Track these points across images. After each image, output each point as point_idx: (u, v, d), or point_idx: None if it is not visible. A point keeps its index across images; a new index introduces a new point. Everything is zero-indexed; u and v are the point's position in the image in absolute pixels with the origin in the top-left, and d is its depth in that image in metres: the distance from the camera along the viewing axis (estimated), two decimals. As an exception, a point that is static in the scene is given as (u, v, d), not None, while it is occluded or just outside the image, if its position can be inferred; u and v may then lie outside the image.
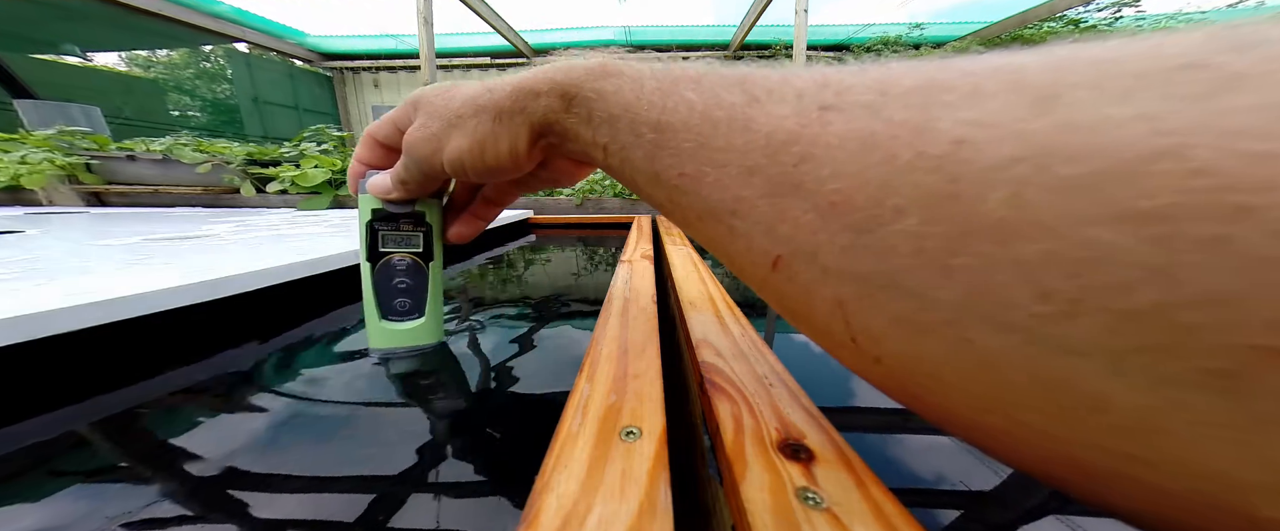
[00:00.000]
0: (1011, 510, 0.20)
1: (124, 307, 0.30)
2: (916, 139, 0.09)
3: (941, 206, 0.08)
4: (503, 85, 0.19)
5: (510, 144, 0.20)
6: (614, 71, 0.17)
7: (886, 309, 0.10)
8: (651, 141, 0.15)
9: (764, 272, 0.13)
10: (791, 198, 0.11)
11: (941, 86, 0.09)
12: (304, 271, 0.44)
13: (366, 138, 0.26)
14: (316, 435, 0.24)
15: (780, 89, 0.13)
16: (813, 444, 0.15)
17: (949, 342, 0.09)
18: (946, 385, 0.09)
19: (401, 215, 0.27)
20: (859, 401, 0.29)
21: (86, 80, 4.03)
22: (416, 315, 0.29)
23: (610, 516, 0.12)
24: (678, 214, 0.16)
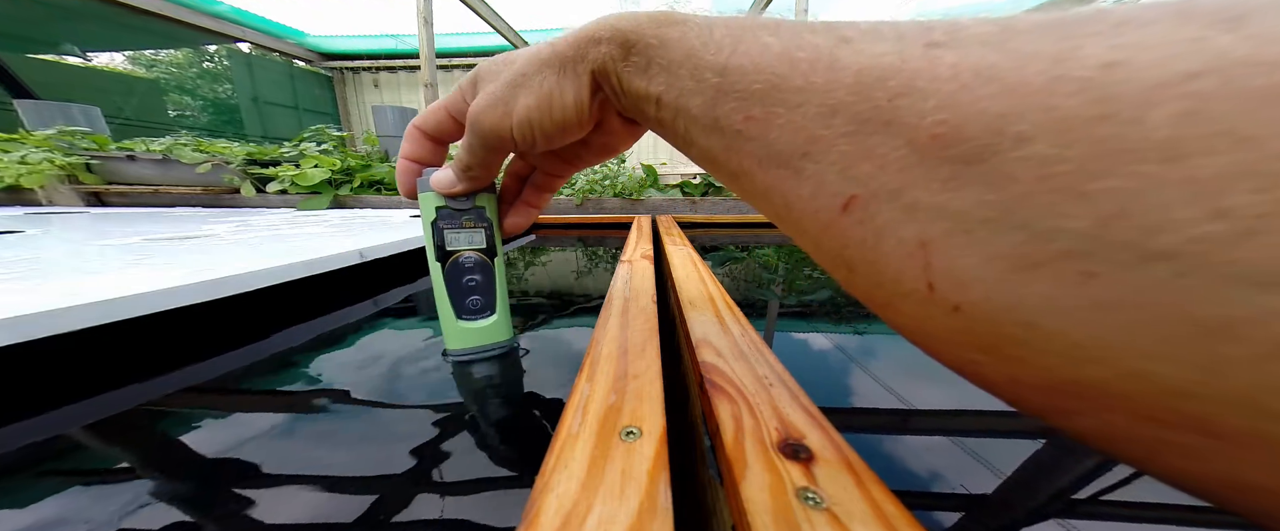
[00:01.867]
0: (1012, 511, 0.20)
1: (124, 307, 0.30)
2: (1053, 66, 0.08)
3: (1084, 128, 0.08)
4: (565, 37, 0.19)
5: (575, 95, 0.19)
6: (678, 19, 0.16)
7: (986, 245, 0.09)
8: (715, 86, 0.14)
9: (829, 218, 0.12)
10: (881, 134, 0.11)
11: (1079, 21, 0.09)
12: (303, 271, 0.44)
13: (412, 132, 0.25)
14: (316, 435, 0.24)
15: (877, 29, 0.12)
16: (813, 444, 0.15)
17: (1062, 279, 0.08)
18: (1042, 334, 0.08)
19: (464, 211, 0.26)
20: (859, 401, 0.29)
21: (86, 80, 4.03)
22: (489, 313, 0.28)
23: (610, 516, 0.12)
24: (734, 162, 0.15)
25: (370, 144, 2.03)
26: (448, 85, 4.61)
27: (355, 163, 1.73)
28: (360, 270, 0.54)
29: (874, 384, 0.31)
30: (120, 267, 0.40)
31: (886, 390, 0.30)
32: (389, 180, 1.64)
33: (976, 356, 0.10)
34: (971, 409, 0.27)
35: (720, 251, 0.89)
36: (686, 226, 1.11)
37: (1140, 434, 0.08)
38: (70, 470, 0.21)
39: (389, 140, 2.05)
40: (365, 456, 0.22)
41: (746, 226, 1.22)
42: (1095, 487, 0.21)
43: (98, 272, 0.38)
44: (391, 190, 1.64)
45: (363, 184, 1.65)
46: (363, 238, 0.63)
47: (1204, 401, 0.07)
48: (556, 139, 0.21)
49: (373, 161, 1.82)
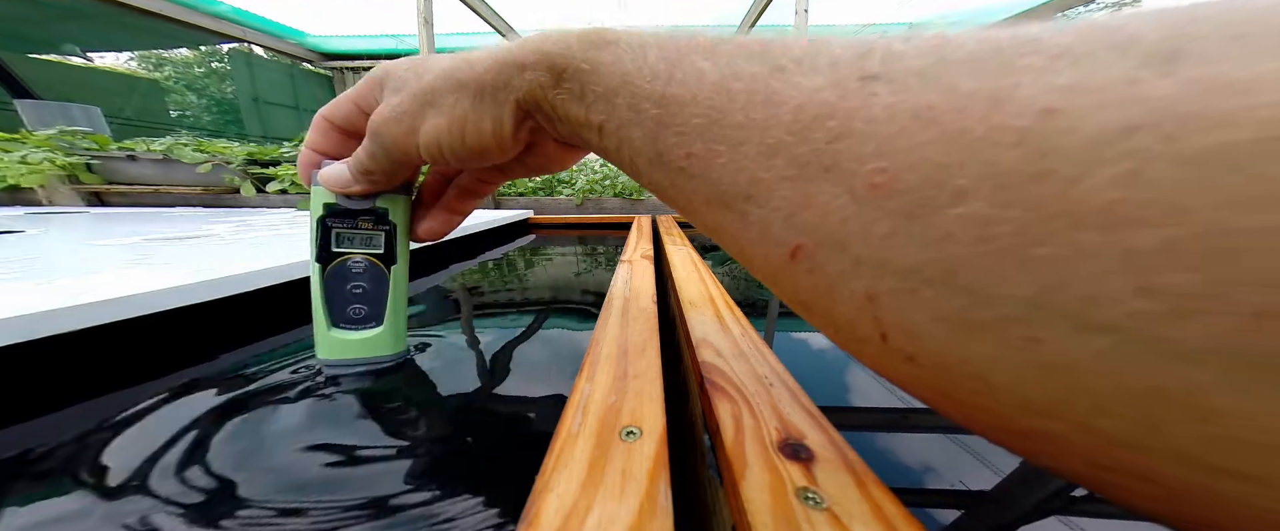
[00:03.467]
0: (1012, 510, 0.20)
1: (124, 307, 0.30)
2: (991, 110, 0.08)
3: (1023, 188, 0.07)
4: (483, 58, 0.17)
5: (494, 125, 0.17)
6: (611, 40, 0.15)
7: (931, 305, 0.09)
8: (654, 117, 0.13)
9: (779, 264, 0.12)
10: (821, 180, 0.10)
11: (1018, 48, 0.08)
12: (304, 271, 0.44)
13: (319, 121, 0.23)
14: (316, 434, 0.24)
15: (811, 57, 0.11)
16: (813, 444, 0.15)
17: (1009, 343, 0.08)
18: (995, 388, 0.08)
19: (360, 211, 0.24)
20: (859, 401, 0.29)
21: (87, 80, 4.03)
22: (373, 324, 0.25)
23: (610, 516, 0.12)
24: (682, 199, 0.14)
25: (370, 144, 2.03)
26: (448, 85, 4.61)
27: (355, 162, 1.73)
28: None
29: (874, 383, 0.31)
30: (121, 267, 0.40)
31: (887, 389, 0.30)
32: (389, 180, 1.64)
33: (937, 399, 0.10)
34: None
35: (720, 251, 0.89)
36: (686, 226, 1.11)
37: (1097, 477, 0.08)
38: (70, 470, 0.21)
39: (389, 140, 2.04)
40: (365, 455, 0.22)
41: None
42: (1096, 487, 0.21)
43: (98, 272, 0.38)
44: (392, 190, 1.64)
45: (363, 184, 1.65)
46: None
47: (1148, 453, 0.07)
48: (472, 162, 0.19)
49: (373, 161, 1.82)
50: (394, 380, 0.29)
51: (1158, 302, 0.06)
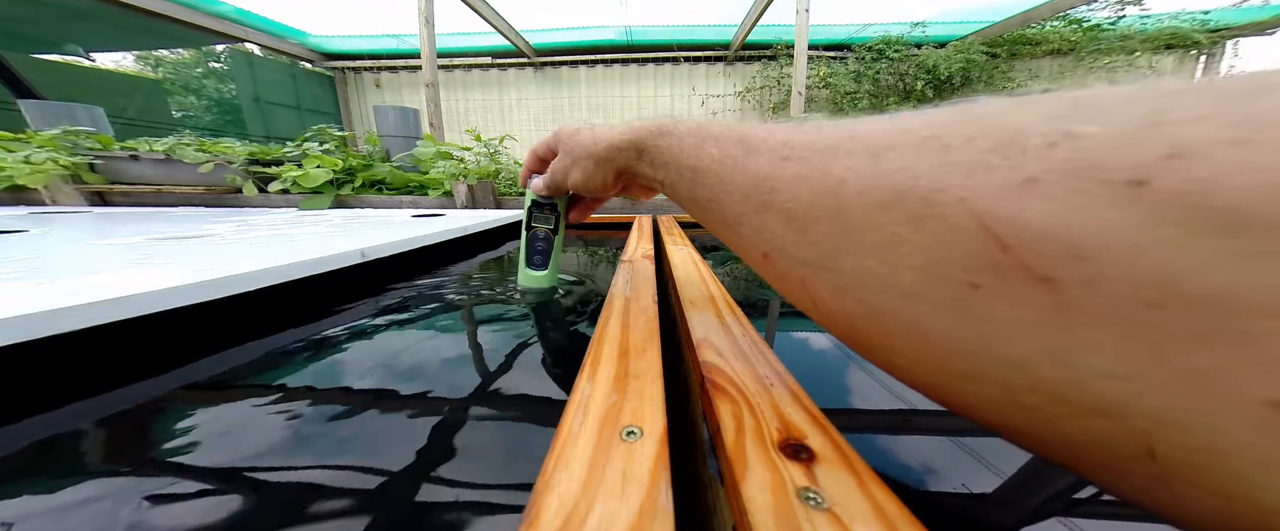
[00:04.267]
0: (1013, 510, 0.20)
1: (126, 307, 0.31)
2: (822, 178, 0.15)
3: (836, 216, 0.14)
4: (604, 138, 0.29)
5: (603, 180, 0.31)
6: (668, 131, 0.25)
7: (824, 281, 0.15)
8: (690, 178, 0.23)
9: (759, 263, 0.19)
10: (768, 213, 0.17)
11: (836, 147, 0.15)
12: (304, 271, 0.45)
13: (530, 155, 0.38)
14: (316, 434, 0.24)
15: (763, 144, 0.19)
16: (814, 444, 0.15)
17: (854, 301, 0.14)
18: (860, 330, 0.15)
19: (546, 204, 0.41)
20: (860, 401, 0.29)
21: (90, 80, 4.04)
22: (543, 269, 0.43)
23: (611, 516, 0.12)
24: (707, 222, 0.23)
25: (372, 144, 2.03)
26: (449, 85, 4.61)
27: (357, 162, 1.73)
28: (362, 270, 0.54)
29: (875, 383, 0.31)
30: (123, 267, 0.41)
31: (888, 390, 0.30)
32: (390, 180, 1.64)
33: (853, 346, 0.17)
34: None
35: (721, 251, 0.89)
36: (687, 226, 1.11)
37: (940, 395, 0.14)
38: (71, 470, 0.21)
39: (390, 140, 2.05)
40: (365, 456, 0.22)
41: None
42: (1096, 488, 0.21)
43: (100, 272, 0.38)
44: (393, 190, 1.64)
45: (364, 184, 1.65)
46: (364, 237, 0.63)
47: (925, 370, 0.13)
48: (591, 196, 0.38)
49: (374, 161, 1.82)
50: (394, 380, 0.30)
51: (885, 268, 0.13)
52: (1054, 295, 0.09)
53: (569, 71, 4.53)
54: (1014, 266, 0.10)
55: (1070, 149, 0.09)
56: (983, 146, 0.11)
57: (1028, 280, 0.09)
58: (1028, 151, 0.10)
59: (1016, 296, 0.10)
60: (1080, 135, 0.09)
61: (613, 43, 4.25)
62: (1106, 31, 3.68)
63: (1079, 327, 0.09)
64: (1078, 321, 0.09)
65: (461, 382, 0.30)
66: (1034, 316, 0.09)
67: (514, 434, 0.24)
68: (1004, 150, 0.10)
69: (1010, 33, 3.60)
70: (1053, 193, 0.09)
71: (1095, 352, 0.09)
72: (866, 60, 3.78)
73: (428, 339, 0.38)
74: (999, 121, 0.11)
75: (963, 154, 0.11)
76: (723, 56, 4.25)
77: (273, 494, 0.20)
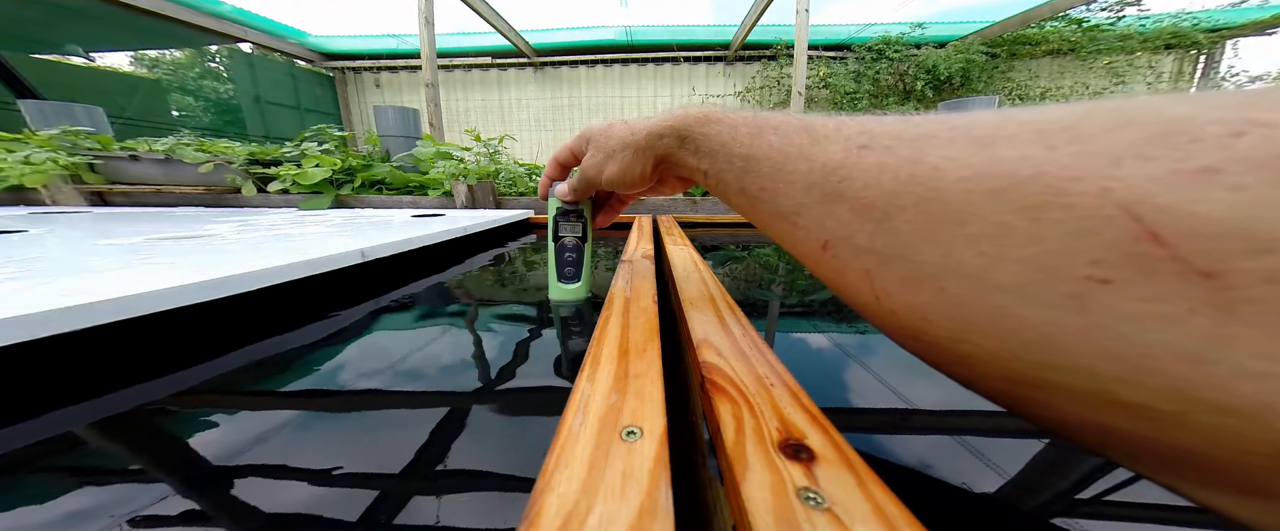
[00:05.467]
0: (1014, 511, 0.20)
1: (127, 307, 0.31)
2: (913, 167, 0.14)
3: (927, 205, 0.14)
4: (642, 128, 0.28)
5: (641, 170, 0.30)
6: (716, 119, 0.24)
7: (896, 272, 0.15)
8: (741, 168, 0.22)
9: (817, 254, 0.18)
10: (837, 202, 0.17)
11: (931, 135, 0.15)
12: (304, 271, 0.45)
13: (552, 161, 0.38)
14: (316, 435, 0.24)
15: (834, 133, 0.18)
16: (814, 444, 0.15)
17: (933, 292, 0.14)
18: (933, 324, 0.14)
19: (572, 211, 0.40)
20: (860, 401, 0.29)
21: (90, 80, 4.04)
22: (577, 280, 0.42)
23: (611, 516, 0.12)
24: (756, 215, 0.23)
25: (371, 144, 2.03)
26: (449, 85, 4.61)
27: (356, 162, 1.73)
28: (361, 270, 0.54)
29: (875, 383, 0.31)
30: (123, 267, 0.41)
31: (888, 389, 0.30)
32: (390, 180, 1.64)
33: (912, 343, 0.16)
34: (973, 408, 0.27)
35: (721, 251, 0.89)
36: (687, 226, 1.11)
37: (1004, 389, 0.14)
38: (72, 470, 0.21)
39: (390, 140, 2.04)
40: (365, 456, 0.22)
41: (747, 226, 1.21)
42: (1098, 488, 0.21)
43: (101, 272, 0.38)
44: (393, 190, 1.64)
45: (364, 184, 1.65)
46: (364, 237, 0.63)
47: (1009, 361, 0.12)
48: (628, 190, 0.34)
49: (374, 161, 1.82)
50: (395, 380, 0.30)
51: (984, 259, 0.12)
52: (1214, 291, 0.09)
53: (569, 71, 4.53)
54: (1166, 260, 0.09)
55: (1261, 137, 0.09)
56: (1130, 137, 0.10)
57: (1181, 274, 0.09)
58: (1202, 141, 0.09)
59: (1159, 291, 0.09)
60: (1275, 123, 0.09)
61: (613, 43, 4.25)
62: (1106, 31, 3.68)
63: (1237, 325, 0.08)
64: (1239, 318, 0.08)
65: (461, 383, 0.30)
66: (1178, 312, 0.09)
67: (514, 434, 0.24)
68: (1165, 141, 0.10)
69: (1010, 33, 3.60)
70: (1243, 183, 0.09)
71: (1250, 351, 0.08)
72: (866, 60, 3.78)
73: (427, 339, 0.38)
74: (1148, 113, 0.10)
75: (1105, 144, 0.10)
76: (723, 56, 4.25)
77: (272, 494, 0.20)
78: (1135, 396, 0.10)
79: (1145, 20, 3.72)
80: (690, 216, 1.29)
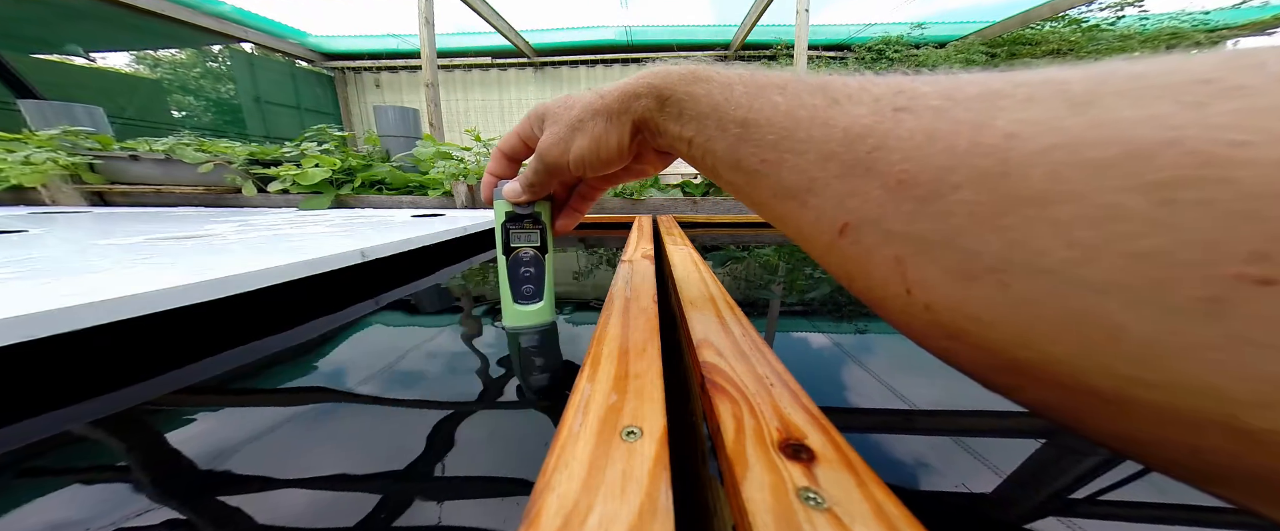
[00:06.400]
0: (1013, 510, 0.20)
1: (127, 307, 0.31)
2: (975, 133, 0.11)
3: (992, 181, 0.11)
4: (612, 91, 0.23)
5: (618, 138, 0.24)
6: (704, 77, 0.20)
7: (941, 261, 0.12)
8: (737, 135, 0.18)
9: (830, 239, 0.15)
10: (863, 177, 0.14)
11: (998, 94, 0.12)
12: (305, 271, 0.45)
13: (496, 153, 0.31)
14: (316, 435, 0.24)
15: (859, 94, 0.15)
16: (814, 444, 0.15)
17: (991, 286, 0.11)
18: (986, 325, 0.11)
19: (526, 216, 0.32)
20: (860, 401, 0.29)
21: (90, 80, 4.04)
22: (538, 300, 0.33)
23: (611, 516, 0.12)
24: (752, 192, 0.19)
25: (371, 144, 2.03)
26: (449, 85, 4.61)
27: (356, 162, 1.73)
28: (362, 270, 0.54)
29: (875, 383, 0.31)
30: (123, 267, 0.41)
31: (888, 389, 0.30)
32: (390, 180, 1.64)
33: (947, 343, 0.13)
34: (973, 408, 0.27)
35: (721, 251, 0.89)
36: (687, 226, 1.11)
37: (1061, 401, 0.11)
38: (72, 470, 0.21)
39: (390, 140, 2.05)
40: (365, 456, 0.22)
41: (747, 226, 1.21)
42: (1097, 486, 0.21)
43: (101, 271, 0.38)
44: (393, 190, 1.64)
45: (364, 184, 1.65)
46: (364, 237, 0.63)
47: (1088, 373, 0.10)
48: (601, 169, 0.26)
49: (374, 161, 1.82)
50: (395, 380, 0.30)
51: (1076, 251, 0.09)
52: None
53: (569, 71, 4.53)
54: None
55: None
56: None
57: None
58: None
59: None
60: None
61: (613, 43, 4.25)
62: (1106, 32, 3.68)
63: None
64: None
65: (461, 382, 0.30)
66: None
67: (514, 434, 0.24)
68: None
69: (1010, 33, 3.60)
70: None
71: None
72: (866, 60, 3.78)
73: (427, 339, 0.38)
74: None
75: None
76: (723, 56, 4.26)
77: (273, 493, 0.20)
78: (1270, 423, 0.08)
79: (1145, 20, 3.72)
80: (690, 216, 1.29)
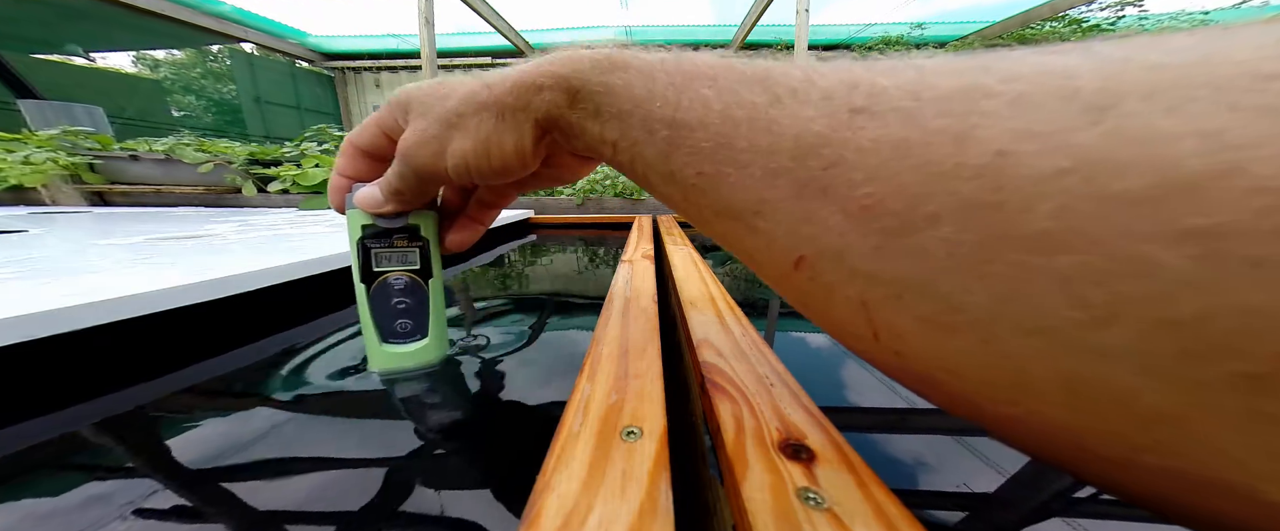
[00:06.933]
0: (1014, 510, 0.20)
1: (127, 307, 0.31)
2: (956, 148, 0.09)
3: (980, 215, 0.08)
4: (502, 80, 0.18)
5: (516, 143, 0.18)
6: (621, 64, 0.16)
7: (913, 309, 0.10)
8: (666, 138, 0.15)
9: (784, 270, 0.13)
10: (819, 200, 0.11)
11: (982, 91, 0.09)
12: (305, 271, 0.45)
13: (346, 147, 0.24)
14: (318, 435, 0.24)
15: (805, 89, 0.12)
16: (814, 444, 0.15)
17: (973, 342, 0.09)
18: (965, 379, 0.10)
19: (395, 230, 0.24)
20: (860, 401, 0.29)
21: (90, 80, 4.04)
22: (419, 336, 0.27)
23: (611, 516, 0.12)
24: (692, 211, 0.16)
25: (372, 144, 2.03)
26: (449, 85, 4.61)
27: (357, 162, 1.73)
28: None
29: (875, 383, 0.31)
30: (123, 267, 0.41)
31: (888, 389, 0.30)
32: (390, 180, 1.64)
33: (920, 387, 0.12)
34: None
35: (721, 251, 0.89)
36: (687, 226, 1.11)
37: (1053, 451, 0.10)
38: (71, 470, 0.21)
39: (390, 140, 2.05)
40: (366, 455, 0.22)
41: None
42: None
43: (101, 271, 0.38)
44: (393, 190, 1.64)
45: (364, 184, 1.65)
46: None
47: (1091, 436, 0.08)
48: (496, 179, 0.20)
49: (374, 161, 1.82)
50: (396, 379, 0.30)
51: (1084, 312, 0.07)
52: None
53: (569, 71, 4.53)
54: None
55: None
56: None
57: None
58: None
59: None
60: None
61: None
62: (1106, 32, 3.68)
63: None
64: None
65: (461, 382, 0.30)
66: None
67: (514, 434, 0.24)
68: None
69: (1010, 33, 3.60)
70: None
71: None
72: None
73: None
74: None
75: None
76: (723, 56, 4.26)
77: (273, 493, 0.20)
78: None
79: (1144, 20, 3.72)
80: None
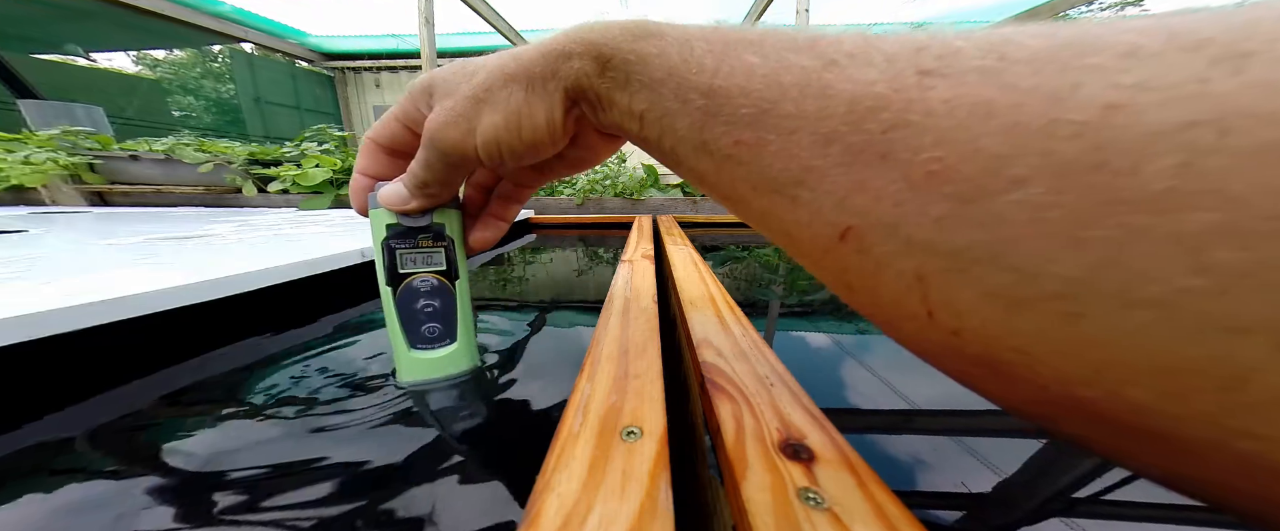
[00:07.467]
0: (1014, 511, 0.20)
1: (127, 307, 0.31)
2: (1051, 106, 0.08)
3: (1080, 176, 0.08)
4: (529, 50, 0.17)
5: (546, 113, 0.18)
6: (655, 32, 0.15)
7: (980, 282, 0.09)
8: (701, 108, 0.14)
9: (827, 244, 0.12)
10: (876, 167, 0.10)
11: (1083, 48, 0.08)
12: (305, 271, 0.45)
13: (366, 144, 0.23)
14: (317, 434, 0.24)
15: (864, 52, 0.11)
16: (814, 444, 0.15)
17: (1051, 317, 0.08)
18: (1035, 359, 0.09)
19: (420, 229, 0.24)
20: (860, 402, 0.29)
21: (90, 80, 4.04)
22: (448, 341, 0.25)
23: (611, 516, 0.12)
24: (726, 185, 0.15)
25: (372, 144, 2.03)
26: (449, 85, 4.61)
27: (357, 162, 1.73)
28: (362, 269, 0.54)
29: (875, 383, 0.31)
30: (123, 267, 0.41)
31: (888, 389, 0.30)
32: (390, 180, 1.64)
33: (975, 371, 0.11)
34: (973, 408, 0.27)
35: (721, 251, 0.89)
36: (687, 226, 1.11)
37: (1120, 443, 0.09)
38: (71, 470, 0.21)
39: (390, 140, 2.05)
40: (367, 455, 0.22)
41: (747, 226, 1.21)
42: (1097, 486, 0.21)
43: (101, 271, 0.38)
44: (393, 190, 1.64)
45: (364, 184, 1.65)
46: (364, 237, 0.63)
47: (1176, 420, 0.08)
48: (526, 157, 0.19)
49: (374, 161, 1.82)
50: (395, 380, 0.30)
51: (1204, 278, 0.07)
52: None
53: (569, 71, 4.53)
54: None
55: None
56: None
57: None
58: None
59: None
60: None
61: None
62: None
63: None
64: None
65: (461, 383, 0.30)
66: None
67: (514, 434, 0.24)
68: None
69: (1010, 33, 3.61)
70: None
71: None
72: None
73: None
74: None
75: None
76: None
77: (273, 492, 0.20)
78: None
79: (1145, 20, 3.73)
80: (690, 216, 1.29)
